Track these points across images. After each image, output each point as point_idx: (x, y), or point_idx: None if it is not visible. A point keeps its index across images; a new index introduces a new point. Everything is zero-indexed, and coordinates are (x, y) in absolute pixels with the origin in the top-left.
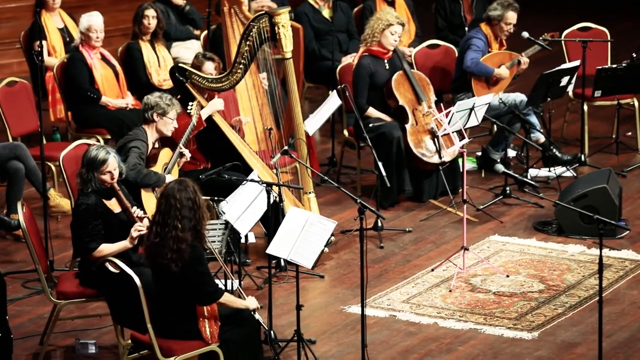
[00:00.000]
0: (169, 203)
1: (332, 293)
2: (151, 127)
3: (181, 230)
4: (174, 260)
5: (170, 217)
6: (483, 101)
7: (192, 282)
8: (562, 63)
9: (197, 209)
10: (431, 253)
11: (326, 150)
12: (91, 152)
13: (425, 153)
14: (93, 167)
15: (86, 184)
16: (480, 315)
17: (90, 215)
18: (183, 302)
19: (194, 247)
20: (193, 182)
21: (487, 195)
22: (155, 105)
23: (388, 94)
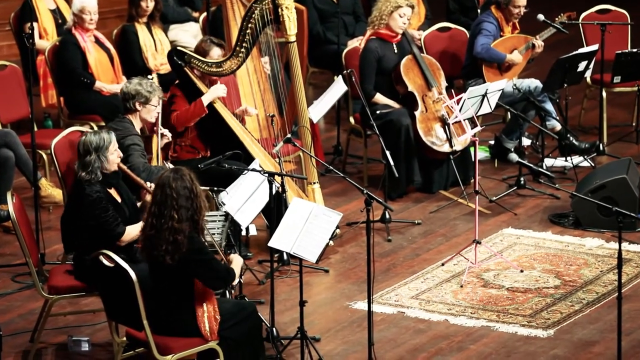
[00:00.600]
0: (165, 193)
1: (337, 288)
2: (135, 117)
3: (177, 220)
4: (170, 253)
5: (167, 207)
6: (496, 87)
7: (198, 273)
8: (580, 47)
9: (195, 198)
10: (441, 247)
11: (331, 138)
12: (92, 137)
13: (435, 141)
14: (102, 150)
15: (95, 171)
16: (493, 312)
17: (105, 201)
18: (181, 297)
19: (191, 238)
20: (189, 170)
21: (500, 186)
22: (137, 93)
23: (396, 80)
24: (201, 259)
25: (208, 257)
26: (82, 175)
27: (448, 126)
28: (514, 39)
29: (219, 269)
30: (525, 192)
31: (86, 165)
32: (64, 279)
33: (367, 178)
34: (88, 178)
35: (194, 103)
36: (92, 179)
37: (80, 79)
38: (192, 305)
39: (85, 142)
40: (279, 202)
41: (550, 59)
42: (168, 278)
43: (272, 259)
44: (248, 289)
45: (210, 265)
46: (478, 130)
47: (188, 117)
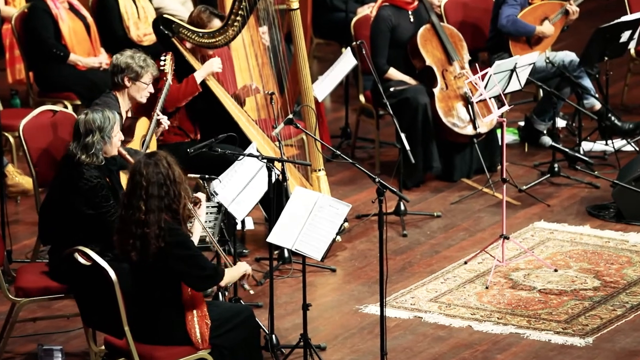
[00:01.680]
0: (134, 180)
1: (345, 290)
2: (122, 94)
3: (145, 212)
4: (136, 248)
5: (135, 196)
6: (526, 61)
7: (179, 269)
8: (622, 15)
9: (172, 185)
10: (464, 242)
11: (339, 119)
12: (95, 115)
13: (457, 123)
14: (106, 130)
15: (98, 154)
16: (523, 317)
17: (106, 189)
18: (166, 299)
19: (172, 230)
20: (167, 154)
21: (531, 174)
22: (127, 67)
23: (413, 52)
24: (183, 254)
25: (191, 253)
26: (82, 158)
27: (472, 105)
28: (544, 5)
29: (205, 266)
30: (560, 180)
31: (88, 147)
32: (34, 280)
33: (379, 164)
34: (89, 161)
35: (185, 80)
36: (92, 162)
37: (52, 51)
38: (181, 308)
39: (87, 120)
40: (279, 191)
41: (588, 28)
42: (150, 277)
43: (271, 256)
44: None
45: (193, 262)
46: (506, 110)
47: (179, 96)
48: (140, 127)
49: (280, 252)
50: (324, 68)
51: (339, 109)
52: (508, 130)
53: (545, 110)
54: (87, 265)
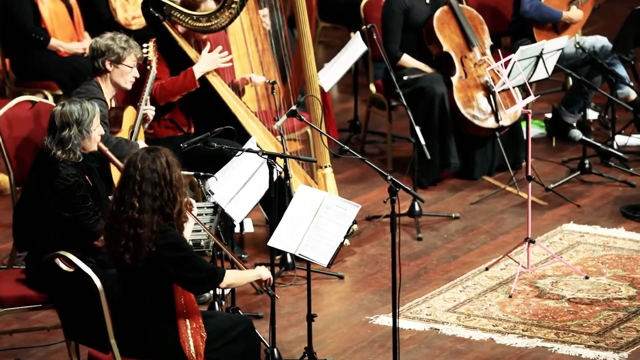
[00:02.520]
0: (128, 173)
1: (354, 299)
2: (105, 80)
3: (138, 210)
4: (130, 250)
5: (127, 191)
6: (554, 46)
7: (172, 273)
8: None
9: (166, 187)
10: (485, 247)
11: (347, 110)
12: (73, 107)
13: (477, 115)
14: (84, 123)
15: (75, 150)
16: (551, 329)
17: (84, 189)
18: (158, 308)
19: (164, 232)
20: (170, 153)
21: (559, 171)
22: (107, 49)
23: (429, 37)
24: (176, 256)
25: (186, 254)
26: (58, 154)
27: (493, 95)
28: None
29: (202, 267)
30: (591, 178)
31: (64, 142)
32: (10, 288)
33: (391, 161)
34: (65, 158)
35: (183, 73)
36: (69, 159)
37: (30, 36)
38: (173, 319)
39: (64, 112)
40: (281, 191)
41: (622, 10)
42: (140, 284)
43: (272, 262)
44: (243, 299)
45: (188, 264)
46: (531, 100)
47: (174, 91)
48: (128, 117)
49: (283, 257)
50: (331, 55)
51: (347, 99)
52: (534, 123)
53: (575, 101)
54: (69, 271)
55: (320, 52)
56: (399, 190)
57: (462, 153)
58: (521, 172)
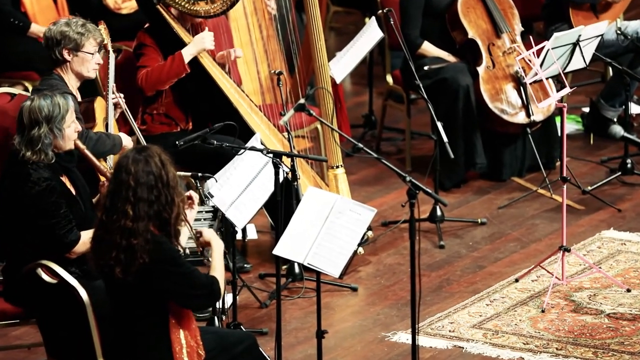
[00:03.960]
0: (119, 179)
1: (369, 313)
2: (66, 71)
3: (132, 218)
4: (121, 262)
5: (120, 199)
6: (593, 32)
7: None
8: None
9: (164, 189)
10: (515, 256)
11: (361, 104)
12: (42, 102)
13: (506, 109)
14: (56, 120)
15: (46, 150)
16: (589, 347)
17: (57, 194)
18: (150, 324)
19: (158, 244)
20: (161, 150)
21: (597, 171)
22: (63, 37)
23: (452, 23)
24: (171, 272)
25: (183, 270)
26: (27, 155)
27: (524, 87)
28: None
29: (199, 284)
30: (634, 179)
31: (34, 142)
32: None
33: (410, 160)
34: (36, 159)
35: (171, 57)
36: (40, 160)
37: (9, 21)
38: (167, 335)
39: (32, 108)
40: (288, 193)
41: None
42: (131, 298)
43: (278, 272)
44: (245, 314)
45: (185, 281)
46: (567, 93)
47: (162, 77)
48: (99, 108)
49: (290, 267)
50: (343, 42)
51: (361, 92)
52: (569, 118)
53: (616, 94)
54: (52, 283)
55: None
56: (418, 193)
57: (489, 152)
58: (555, 173)
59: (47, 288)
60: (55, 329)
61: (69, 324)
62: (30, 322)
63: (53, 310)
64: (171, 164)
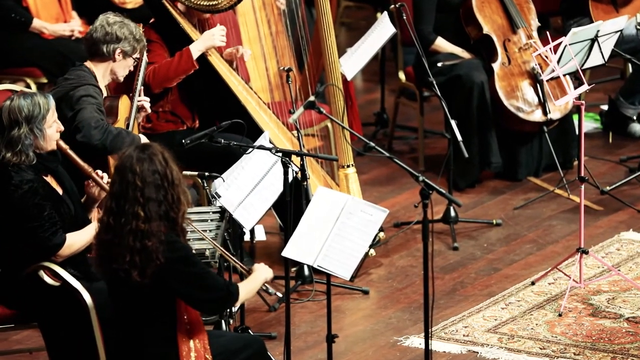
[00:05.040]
0: (125, 180)
1: (380, 317)
2: (103, 67)
3: (144, 219)
4: (137, 266)
5: (128, 200)
6: (612, 28)
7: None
8: None
9: (169, 187)
10: (531, 258)
11: (373, 102)
12: (22, 102)
13: (522, 107)
14: (36, 120)
15: (26, 151)
16: (607, 352)
17: (40, 196)
18: (157, 328)
19: (172, 244)
20: (162, 148)
21: (616, 171)
22: (124, 38)
23: (467, 18)
24: (187, 272)
25: (197, 270)
26: (7, 157)
27: (541, 84)
28: None
29: (215, 286)
30: None
31: (13, 143)
32: None
33: (423, 159)
34: (16, 161)
35: (178, 54)
36: (21, 161)
37: (10, 16)
38: (174, 339)
39: (12, 108)
40: (297, 193)
41: None
42: (140, 300)
43: (287, 275)
44: (253, 317)
45: (200, 282)
46: (585, 90)
47: (170, 74)
48: (123, 106)
49: (299, 269)
50: (355, 38)
51: (373, 89)
52: (587, 116)
53: (635, 91)
54: (53, 286)
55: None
56: (432, 193)
57: (504, 151)
58: (573, 173)
59: (49, 291)
60: (58, 332)
61: (71, 328)
62: (31, 325)
63: (55, 314)
64: (173, 162)
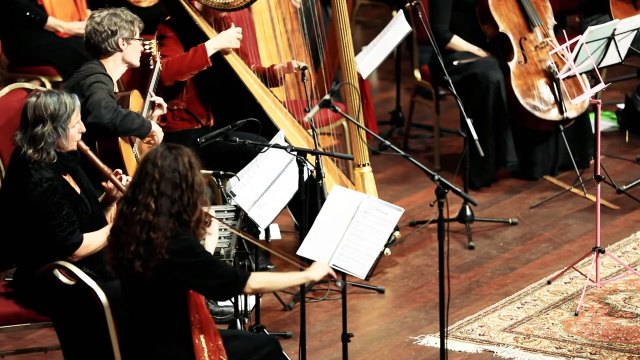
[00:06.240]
0: (145, 171)
1: (396, 316)
2: (114, 60)
3: (155, 212)
4: (140, 256)
5: (143, 190)
6: (628, 26)
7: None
8: None
9: (187, 189)
10: (547, 257)
11: (388, 100)
12: (49, 99)
13: (538, 105)
14: (61, 119)
15: (48, 149)
16: (624, 352)
17: (59, 195)
18: (169, 329)
19: (175, 236)
20: (193, 154)
21: (633, 170)
22: (118, 27)
23: (483, 16)
24: (191, 262)
25: (202, 259)
26: (28, 153)
27: (557, 83)
28: None
29: (221, 273)
30: None
31: (36, 140)
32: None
33: (439, 158)
34: (37, 158)
35: (193, 49)
36: (42, 159)
37: (25, 15)
38: (189, 339)
39: (37, 105)
40: (312, 192)
41: None
42: (149, 297)
43: None
44: (268, 316)
45: (206, 271)
46: (601, 88)
47: (183, 68)
48: (134, 101)
49: None
50: (370, 36)
51: (388, 87)
52: (604, 115)
53: None
54: (68, 285)
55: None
56: (447, 192)
57: (520, 149)
58: (589, 172)
59: (64, 290)
60: (73, 331)
61: (86, 327)
62: (46, 324)
63: (70, 313)
64: (200, 169)
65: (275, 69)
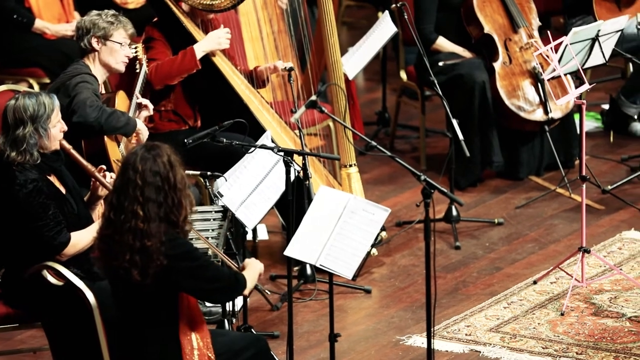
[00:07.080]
0: (126, 177)
1: (383, 316)
2: (93, 61)
3: (143, 219)
4: (137, 265)
5: (128, 197)
6: (612, 27)
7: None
8: None
9: (170, 191)
10: (532, 257)
11: (374, 101)
12: (27, 101)
13: (523, 106)
14: (41, 120)
15: (31, 150)
16: (610, 352)
17: (44, 195)
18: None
19: (171, 241)
20: (171, 150)
21: (618, 170)
22: (93, 26)
23: (468, 17)
24: (190, 267)
25: (201, 263)
26: (12, 156)
27: (542, 84)
28: None
29: (220, 276)
30: None
31: (18, 142)
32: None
33: (425, 158)
34: (21, 160)
35: (182, 52)
36: (26, 161)
37: (12, 17)
38: (176, 337)
39: (17, 107)
40: (299, 192)
41: None
42: (142, 300)
43: (289, 274)
44: (256, 316)
45: (205, 274)
46: (586, 89)
47: (172, 72)
48: (120, 102)
49: (302, 268)
50: (356, 37)
51: (374, 88)
52: (588, 115)
53: (637, 90)
54: (57, 285)
55: (344, 34)
56: (433, 192)
57: (506, 150)
58: (574, 172)
59: (53, 290)
60: (61, 332)
61: (75, 327)
62: (35, 325)
63: (59, 313)
64: (180, 165)
65: (261, 70)
